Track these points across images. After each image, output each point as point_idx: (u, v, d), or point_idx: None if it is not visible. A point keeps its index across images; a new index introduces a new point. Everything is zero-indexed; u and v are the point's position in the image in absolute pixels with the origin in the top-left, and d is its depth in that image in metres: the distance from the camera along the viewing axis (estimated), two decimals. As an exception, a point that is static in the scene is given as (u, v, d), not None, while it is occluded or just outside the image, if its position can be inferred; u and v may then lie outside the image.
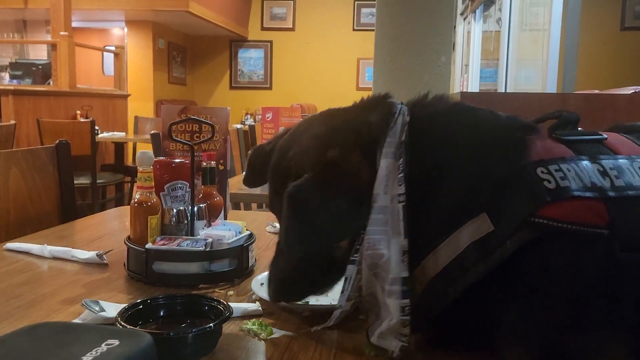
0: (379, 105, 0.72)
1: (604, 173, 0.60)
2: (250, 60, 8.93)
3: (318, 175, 0.66)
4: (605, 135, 0.67)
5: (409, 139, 0.66)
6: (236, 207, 2.47)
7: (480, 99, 1.84)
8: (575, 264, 0.59)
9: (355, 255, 0.66)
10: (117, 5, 7.00)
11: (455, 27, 7.02)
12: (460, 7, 6.63)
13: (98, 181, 4.34)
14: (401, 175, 0.64)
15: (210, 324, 0.65)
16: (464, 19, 6.47)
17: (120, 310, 0.69)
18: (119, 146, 5.13)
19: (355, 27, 8.60)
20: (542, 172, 0.60)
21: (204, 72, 9.07)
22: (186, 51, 8.84)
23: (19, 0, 7.22)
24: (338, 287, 0.71)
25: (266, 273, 0.80)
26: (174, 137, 1.08)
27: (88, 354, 0.47)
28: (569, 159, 0.61)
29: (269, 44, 8.84)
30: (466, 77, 6.26)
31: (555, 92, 2.95)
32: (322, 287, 0.75)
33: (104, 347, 0.49)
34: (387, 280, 0.63)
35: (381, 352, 0.66)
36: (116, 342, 0.50)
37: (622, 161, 0.62)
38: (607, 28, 6.95)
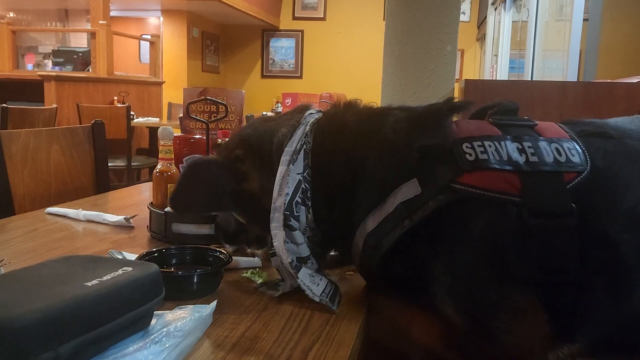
0: (296, 117, 0.85)
1: (521, 150, 0.71)
2: (281, 49, 9.07)
3: (220, 161, 0.84)
4: (537, 122, 0.77)
5: (323, 140, 0.80)
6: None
7: (482, 86, 1.91)
8: (489, 225, 0.69)
9: (272, 249, 0.78)
10: (153, -6, 7.22)
11: (486, 17, 6.97)
12: (492, -4, 6.58)
13: (133, 164, 4.56)
14: (288, 177, 0.77)
15: (212, 267, 0.78)
16: (495, 9, 6.43)
17: (138, 256, 0.83)
18: (153, 131, 5.33)
19: (385, 18, 8.60)
20: (466, 147, 0.71)
21: (236, 61, 9.25)
22: (219, 40, 9.03)
23: (61, -10, 7.51)
24: None
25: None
26: (192, 116, 1.21)
27: (108, 275, 0.61)
28: (494, 137, 0.72)
29: (300, 33, 8.94)
30: (495, 68, 6.23)
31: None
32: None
33: (120, 272, 0.62)
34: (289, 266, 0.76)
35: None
36: (130, 269, 0.63)
37: (542, 142, 0.72)
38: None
